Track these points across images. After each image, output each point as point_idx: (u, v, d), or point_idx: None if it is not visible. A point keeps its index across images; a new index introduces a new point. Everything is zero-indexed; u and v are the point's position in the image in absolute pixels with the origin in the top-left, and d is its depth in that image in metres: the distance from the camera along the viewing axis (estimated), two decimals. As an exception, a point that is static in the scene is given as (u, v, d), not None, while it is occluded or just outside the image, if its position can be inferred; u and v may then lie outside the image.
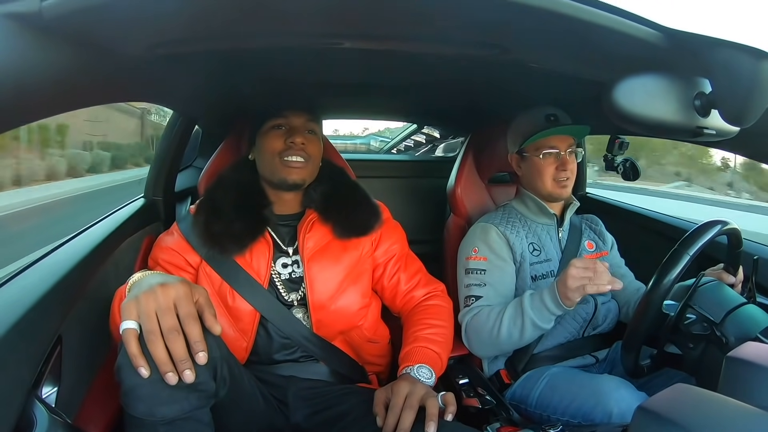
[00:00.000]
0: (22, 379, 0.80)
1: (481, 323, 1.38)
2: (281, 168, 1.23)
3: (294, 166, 1.23)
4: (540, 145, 1.47)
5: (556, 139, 1.46)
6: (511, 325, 1.32)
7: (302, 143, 1.23)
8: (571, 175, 1.47)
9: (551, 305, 1.26)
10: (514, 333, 1.32)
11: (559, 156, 1.46)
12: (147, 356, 0.81)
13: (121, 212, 1.47)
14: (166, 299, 0.82)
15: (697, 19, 6.46)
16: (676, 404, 0.60)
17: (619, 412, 1.11)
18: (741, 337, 1.00)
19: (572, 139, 1.48)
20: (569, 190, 1.49)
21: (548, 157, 1.47)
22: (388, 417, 0.98)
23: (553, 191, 1.48)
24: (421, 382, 1.08)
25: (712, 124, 0.74)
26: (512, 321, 1.32)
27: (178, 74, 1.15)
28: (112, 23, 0.66)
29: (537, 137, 1.45)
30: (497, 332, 1.33)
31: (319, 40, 0.90)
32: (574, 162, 1.48)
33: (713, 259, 1.28)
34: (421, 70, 1.33)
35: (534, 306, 1.29)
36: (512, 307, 1.33)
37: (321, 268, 1.25)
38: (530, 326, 1.29)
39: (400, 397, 1.00)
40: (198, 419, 0.91)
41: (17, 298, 0.86)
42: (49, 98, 0.74)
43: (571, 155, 1.47)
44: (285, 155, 1.22)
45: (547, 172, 1.47)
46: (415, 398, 0.99)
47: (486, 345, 1.40)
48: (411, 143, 3.56)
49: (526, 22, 0.71)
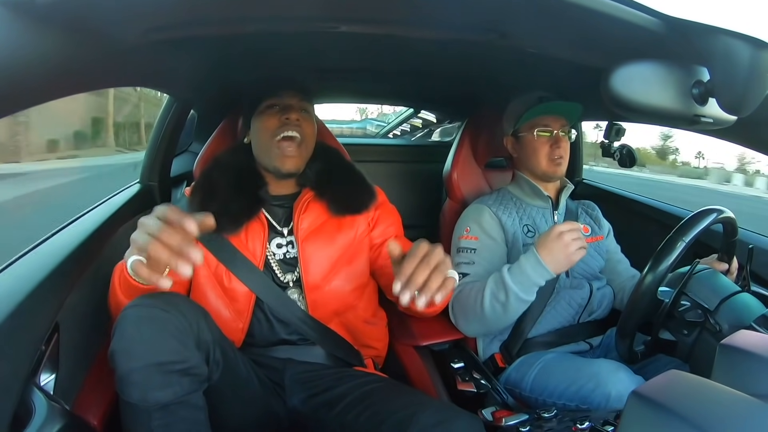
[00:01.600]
0: (20, 367, 0.80)
1: (464, 298, 1.39)
2: (276, 155, 1.23)
3: (288, 148, 1.22)
4: (534, 124, 1.50)
5: (549, 119, 1.49)
6: (493, 300, 1.31)
7: (297, 119, 1.23)
8: (564, 154, 1.49)
9: (533, 274, 1.27)
10: (497, 307, 1.31)
11: (552, 135, 1.49)
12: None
13: (116, 198, 1.47)
14: (149, 218, 0.83)
15: (696, 6, 6.41)
16: (670, 390, 0.61)
17: (617, 395, 1.12)
18: (735, 325, 1.01)
19: (565, 120, 1.50)
20: (563, 169, 1.51)
21: (542, 136, 1.50)
22: (404, 266, 0.89)
23: (547, 169, 1.50)
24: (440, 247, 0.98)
25: (709, 112, 0.74)
26: (494, 296, 1.31)
27: (172, 59, 1.14)
28: (106, 9, 0.65)
29: (530, 114, 1.48)
30: (480, 308, 1.33)
31: (315, 24, 0.90)
32: (567, 142, 1.51)
33: (709, 247, 1.29)
34: (418, 55, 1.33)
35: (514, 278, 1.29)
36: (492, 281, 1.33)
37: (315, 248, 1.26)
38: (514, 299, 1.29)
39: (420, 250, 0.91)
40: (192, 403, 0.92)
41: (13, 287, 0.86)
42: (44, 85, 0.74)
43: (564, 135, 1.50)
44: (280, 132, 1.22)
45: (541, 150, 1.50)
46: (434, 258, 0.91)
47: (471, 321, 1.40)
48: (407, 128, 3.55)
49: (524, 7, 0.70)
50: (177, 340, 0.90)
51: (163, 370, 0.88)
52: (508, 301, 1.29)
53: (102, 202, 1.43)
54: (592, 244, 1.54)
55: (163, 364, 0.88)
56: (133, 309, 0.91)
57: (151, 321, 0.89)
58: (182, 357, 0.90)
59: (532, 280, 1.27)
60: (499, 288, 1.30)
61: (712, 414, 0.56)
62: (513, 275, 1.29)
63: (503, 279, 1.30)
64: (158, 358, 0.88)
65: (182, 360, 0.90)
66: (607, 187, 2.12)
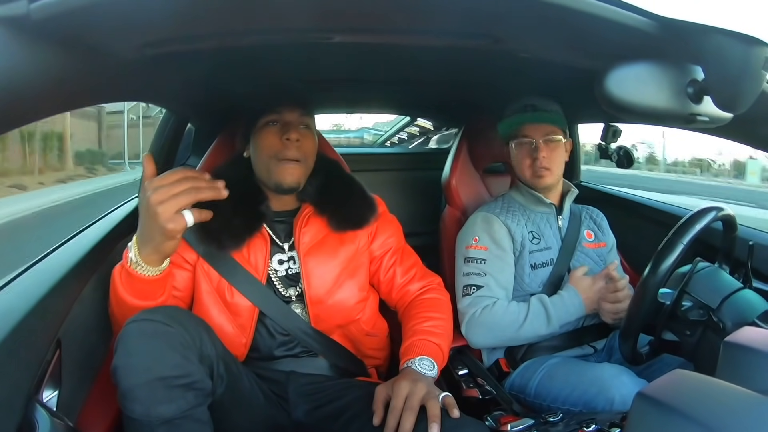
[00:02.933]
0: (23, 384, 0.80)
1: (498, 318, 1.40)
2: (276, 171, 1.21)
3: (289, 167, 1.21)
4: (514, 135, 1.50)
5: (530, 128, 1.47)
6: (530, 329, 1.39)
7: (297, 139, 1.21)
8: (547, 164, 1.46)
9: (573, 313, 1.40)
10: (530, 334, 1.40)
11: (533, 144, 1.47)
12: None
13: (116, 213, 1.47)
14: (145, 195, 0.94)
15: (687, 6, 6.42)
16: (675, 390, 0.61)
17: (621, 399, 1.11)
18: (738, 323, 1.01)
19: (548, 126, 1.48)
20: (547, 180, 1.49)
21: (522, 147, 1.49)
22: (389, 419, 0.95)
23: (531, 180, 1.50)
24: (423, 377, 1.06)
25: (705, 110, 0.74)
26: (531, 324, 1.38)
27: (169, 73, 1.15)
28: (102, 24, 0.66)
29: (506, 124, 1.51)
30: (514, 332, 1.39)
31: (308, 35, 0.90)
32: (551, 150, 1.47)
33: (709, 245, 1.29)
34: (413, 63, 1.33)
35: (557, 312, 1.39)
36: (534, 312, 1.40)
37: (317, 262, 1.25)
38: (549, 330, 1.39)
39: (400, 398, 0.97)
40: (196, 418, 0.92)
41: (14, 303, 0.86)
42: (40, 101, 0.74)
43: (547, 143, 1.47)
44: (281, 154, 1.20)
45: (523, 161, 1.49)
46: (415, 399, 0.96)
47: (497, 339, 1.43)
48: (405, 135, 3.56)
49: (518, 12, 0.71)
50: (180, 354, 0.89)
51: (166, 384, 0.87)
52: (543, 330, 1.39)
53: (101, 217, 1.43)
54: (595, 249, 1.54)
55: (166, 379, 0.87)
56: (135, 324, 0.91)
57: (153, 335, 0.89)
58: (185, 371, 0.90)
59: (569, 316, 1.39)
60: (541, 320, 1.39)
61: (718, 412, 0.56)
62: (556, 308, 1.39)
63: (547, 312, 1.39)
64: (161, 373, 0.87)
65: (186, 374, 0.90)
66: (606, 188, 2.12)
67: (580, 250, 1.52)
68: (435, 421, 0.91)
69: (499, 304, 1.41)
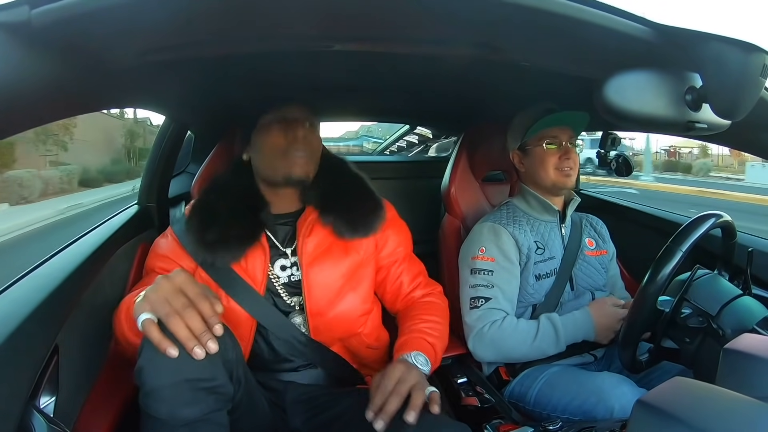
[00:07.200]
0: (20, 390, 0.79)
1: (506, 335, 1.39)
2: (284, 164, 1.19)
3: (298, 159, 1.19)
4: (543, 136, 1.48)
5: (557, 130, 1.47)
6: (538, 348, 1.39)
7: (304, 137, 1.19)
8: (573, 165, 1.48)
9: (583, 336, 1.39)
10: (536, 353, 1.39)
11: (561, 146, 1.47)
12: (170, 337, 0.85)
13: (114, 220, 1.47)
14: (172, 285, 0.88)
15: (685, 14, 6.42)
16: (675, 397, 0.61)
17: (620, 409, 1.11)
18: (737, 329, 1.00)
19: (571, 131, 1.48)
20: (573, 180, 1.50)
21: (551, 147, 1.48)
22: (375, 397, 0.97)
23: (557, 180, 1.48)
24: (416, 369, 1.06)
25: (703, 118, 0.75)
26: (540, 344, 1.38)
27: (168, 80, 1.15)
28: (102, 31, 0.66)
29: (538, 126, 1.47)
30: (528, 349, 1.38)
31: (308, 44, 0.90)
32: (575, 152, 1.49)
33: (708, 252, 1.29)
34: (412, 71, 1.33)
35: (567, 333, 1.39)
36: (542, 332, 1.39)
37: (320, 273, 1.21)
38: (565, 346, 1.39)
39: (391, 380, 0.99)
40: (216, 421, 0.92)
41: (12, 309, 0.85)
42: (40, 107, 0.74)
43: (572, 146, 1.48)
44: (288, 151, 1.19)
45: (550, 161, 1.48)
46: (405, 386, 0.98)
47: (505, 357, 1.43)
48: (404, 144, 3.56)
49: (516, 21, 0.71)
50: (207, 357, 0.88)
51: (192, 386, 0.87)
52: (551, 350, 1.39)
53: (100, 223, 1.43)
54: (596, 257, 1.54)
55: (191, 381, 0.87)
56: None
57: None
58: (211, 374, 0.89)
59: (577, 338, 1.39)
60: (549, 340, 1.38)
61: (717, 419, 0.56)
62: (566, 330, 1.38)
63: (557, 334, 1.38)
64: (188, 375, 0.87)
65: (211, 377, 0.89)
66: (604, 197, 2.12)
67: (582, 259, 1.52)
68: (414, 409, 0.93)
69: (508, 320, 1.39)
